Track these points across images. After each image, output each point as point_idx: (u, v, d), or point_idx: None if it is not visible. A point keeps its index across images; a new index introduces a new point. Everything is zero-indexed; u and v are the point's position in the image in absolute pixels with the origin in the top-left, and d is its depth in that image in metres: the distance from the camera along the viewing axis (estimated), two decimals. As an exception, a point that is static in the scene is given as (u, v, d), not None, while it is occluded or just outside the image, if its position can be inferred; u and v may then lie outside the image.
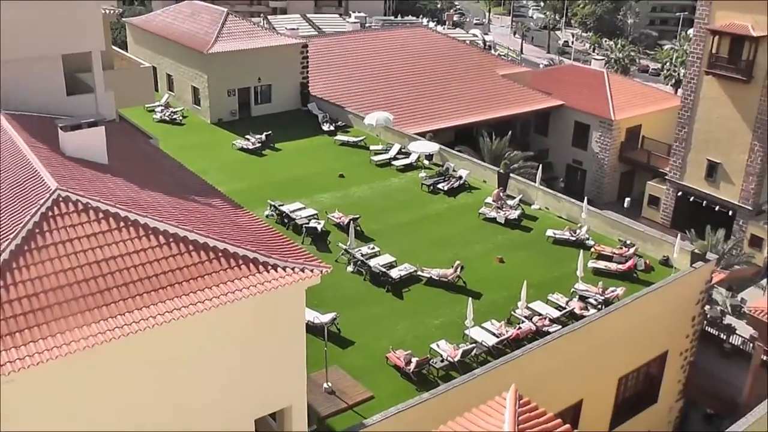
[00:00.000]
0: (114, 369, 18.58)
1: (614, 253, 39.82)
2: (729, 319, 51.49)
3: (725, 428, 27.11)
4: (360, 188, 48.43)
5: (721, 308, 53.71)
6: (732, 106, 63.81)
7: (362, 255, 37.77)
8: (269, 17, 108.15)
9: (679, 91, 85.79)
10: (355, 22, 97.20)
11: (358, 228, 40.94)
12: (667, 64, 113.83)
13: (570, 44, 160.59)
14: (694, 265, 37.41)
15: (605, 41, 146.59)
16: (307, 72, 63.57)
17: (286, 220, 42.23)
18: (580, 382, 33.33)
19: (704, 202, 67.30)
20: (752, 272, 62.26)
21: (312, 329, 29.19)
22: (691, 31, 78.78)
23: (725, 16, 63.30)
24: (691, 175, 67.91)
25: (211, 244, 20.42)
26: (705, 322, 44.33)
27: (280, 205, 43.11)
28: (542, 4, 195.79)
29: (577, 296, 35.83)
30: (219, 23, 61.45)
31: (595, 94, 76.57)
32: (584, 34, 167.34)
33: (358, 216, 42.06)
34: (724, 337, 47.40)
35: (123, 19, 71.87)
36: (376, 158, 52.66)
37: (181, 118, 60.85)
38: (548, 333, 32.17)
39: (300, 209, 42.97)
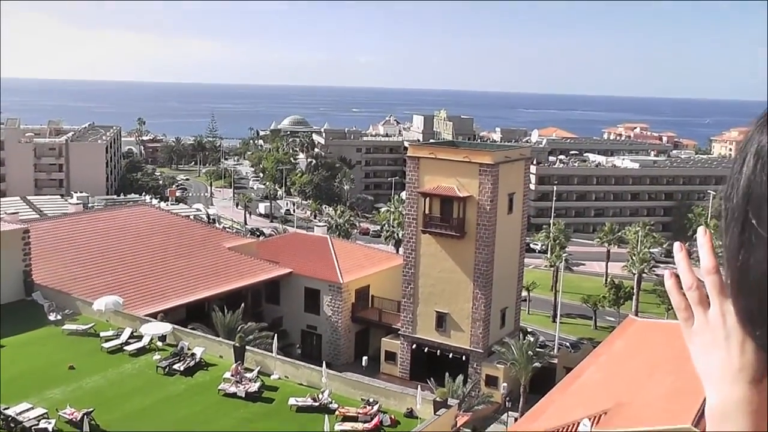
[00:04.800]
0: None
1: (359, 413, 40.40)
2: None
3: None
4: (92, 378, 46.14)
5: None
6: (451, 259, 68.00)
7: (101, 450, 35.81)
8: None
9: (401, 250, 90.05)
10: (77, 203, 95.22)
11: (93, 422, 38.95)
12: (386, 225, 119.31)
13: (292, 212, 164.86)
14: (437, 412, 38.77)
15: (325, 207, 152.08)
16: (30, 259, 60.54)
17: (12, 425, 39.29)
18: None
19: (438, 351, 70.20)
20: (493, 410, 65.61)
21: None
22: (404, 194, 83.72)
23: (432, 180, 68.25)
24: (422, 328, 70.84)
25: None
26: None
27: (5, 409, 40.14)
28: (261, 175, 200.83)
29: (329, 462, 35.77)
30: (-66, 215, 57.57)
31: (322, 260, 78.81)
32: (305, 202, 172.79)
33: (92, 409, 39.96)
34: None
35: None
36: (107, 345, 50.74)
37: None
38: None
39: (28, 410, 40.22)
